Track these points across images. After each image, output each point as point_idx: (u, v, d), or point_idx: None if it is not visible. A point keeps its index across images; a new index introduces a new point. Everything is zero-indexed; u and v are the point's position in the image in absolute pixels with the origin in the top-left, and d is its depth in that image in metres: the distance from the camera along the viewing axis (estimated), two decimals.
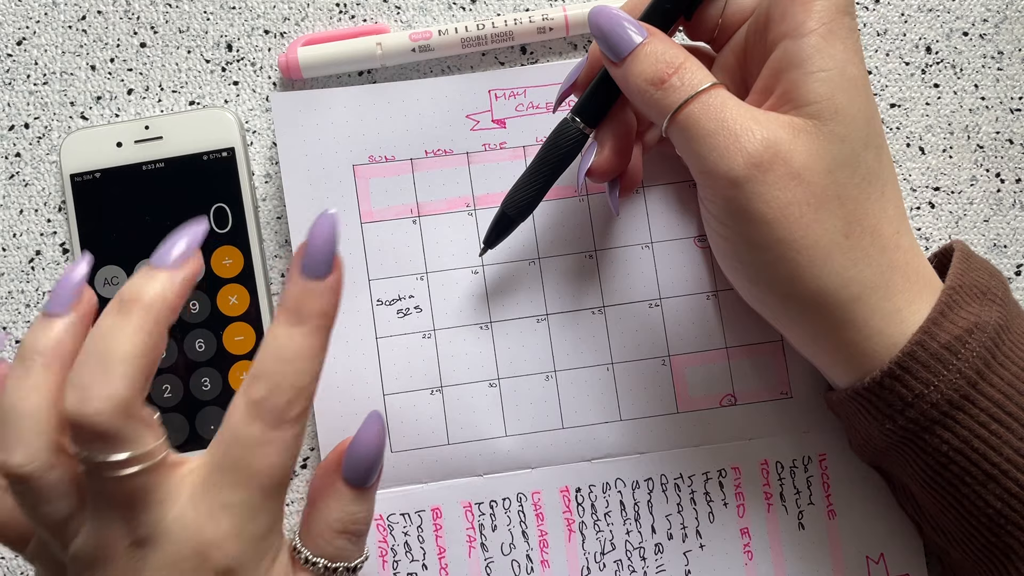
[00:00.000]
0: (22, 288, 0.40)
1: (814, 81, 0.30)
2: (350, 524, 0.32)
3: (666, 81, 0.31)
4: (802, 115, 0.31)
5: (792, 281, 0.31)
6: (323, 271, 0.28)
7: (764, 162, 0.30)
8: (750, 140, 0.30)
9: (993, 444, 0.30)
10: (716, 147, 0.30)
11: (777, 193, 0.30)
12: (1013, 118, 0.41)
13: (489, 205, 0.39)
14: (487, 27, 0.40)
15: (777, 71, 0.31)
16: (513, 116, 0.39)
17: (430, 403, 0.39)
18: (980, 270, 0.33)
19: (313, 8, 0.41)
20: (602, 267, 0.39)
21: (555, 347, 0.39)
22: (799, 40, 0.31)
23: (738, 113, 0.31)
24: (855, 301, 0.31)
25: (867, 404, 0.32)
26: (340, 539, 0.31)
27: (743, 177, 0.30)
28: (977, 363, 0.30)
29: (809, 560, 0.38)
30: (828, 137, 0.30)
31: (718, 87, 0.31)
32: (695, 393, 0.39)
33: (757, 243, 0.31)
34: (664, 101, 0.31)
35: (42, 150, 0.41)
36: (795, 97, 0.31)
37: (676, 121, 0.31)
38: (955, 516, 0.32)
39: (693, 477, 0.39)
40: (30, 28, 0.41)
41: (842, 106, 0.30)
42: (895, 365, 0.30)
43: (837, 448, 0.39)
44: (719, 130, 0.30)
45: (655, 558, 0.39)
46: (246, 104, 0.41)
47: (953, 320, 0.31)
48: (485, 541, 0.39)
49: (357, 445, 0.32)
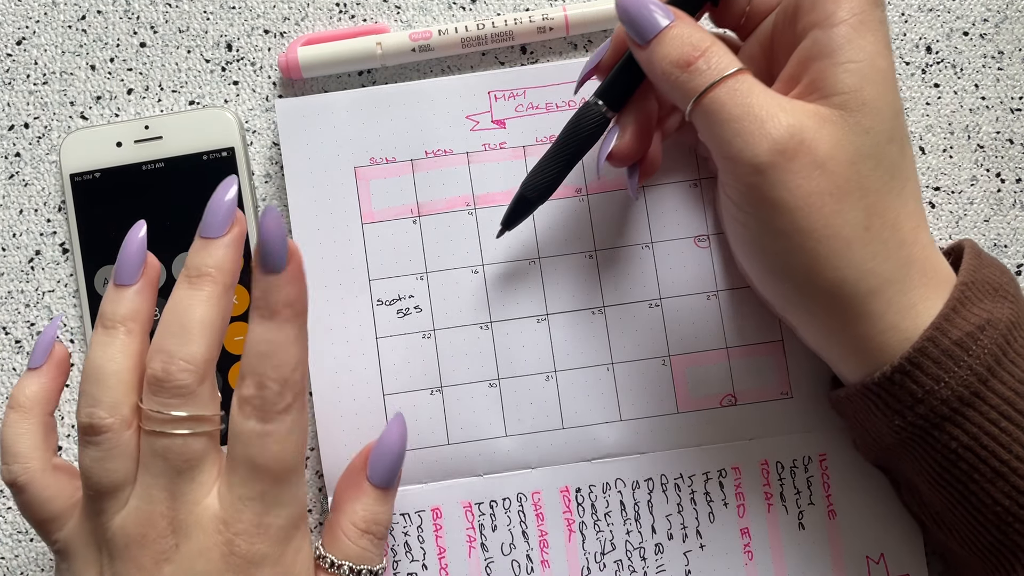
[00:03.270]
0: (22, 288, 0.40)
1: (843, 72, 0.30)
2: (373, 524, 0.33)
3: (692, 64, 0.31)
4: (829, 105, 0.30)
5: (810, 271, 0.31)
6: (279, 264, 0.30)
7: (789, 149, 0.30)
8: (776, 126, 0.30)
9: (1003, 441, 0.30)
10: (741, 132, 0.30)
11: (800, 181, 0.30)
12: (1013, 118, 0.41)
13: (489, 204, 0.39)
14: (487, 27, 0.40)
15: (805, 60, 0.31)
16: (513, 116, 0.39)
17: (430, 403, 0.39)
18: (992, 267, 0.33)
19: (313, 8, 0.41)
20: (602, 267, 0.39)
21: (555, 347, 0.39)
22: (829, 30, 0.31)
23: (764, 99, 0.30)
24: (872, 294, 0.31)
25: (877, 400, 0.32)
26: (364, 539, 0.33)
27: (767, 164, 0.30)
28: (988, 360, 0.30)
29: (809, 560, 0.38)
30: (854, 128, 0.30)
31: (745, 72, 0.31)
32: (695, 393, 0.39)
33: (777, 231, 0.31)
34: (690, 84, 0.31)
35: (42, 150, 0.41)
36: (822, 87, 0.31)
37: (701, 105, 0.31)
38: (963, 513, 0.32)
39: (693, 477, 0.39)
40: (30, 28, 0.41)
41: (870, 98, 0.30)
42: (906, 361, 0.30)
43: (837, 448, 0.39)
44: (745, 115, 0.30)
45: (655, 558, 0.39)
46: (246, 104, 0.41)
47: (965, 317, 0.31)
48: (485, 541, 0.39)
49: (382, 446, 0.34)
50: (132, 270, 0.31)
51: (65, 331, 0.40)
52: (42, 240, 0.40)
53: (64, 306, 0.40)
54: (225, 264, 0.31)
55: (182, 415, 0.29)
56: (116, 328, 0.31)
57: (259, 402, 0.30)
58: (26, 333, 0.40)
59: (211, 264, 0.30)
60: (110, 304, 0.31)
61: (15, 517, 0.40)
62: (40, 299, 0.40)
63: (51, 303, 0.40)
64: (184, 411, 0.29)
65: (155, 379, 0.29)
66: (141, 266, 0.31)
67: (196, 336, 0.30)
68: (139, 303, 0.31)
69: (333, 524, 0.34)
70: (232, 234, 0.31)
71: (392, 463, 0.34)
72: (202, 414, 0.30)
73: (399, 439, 0.34)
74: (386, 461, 0.34)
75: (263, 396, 0.30)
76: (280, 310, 0.30)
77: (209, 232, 0.31)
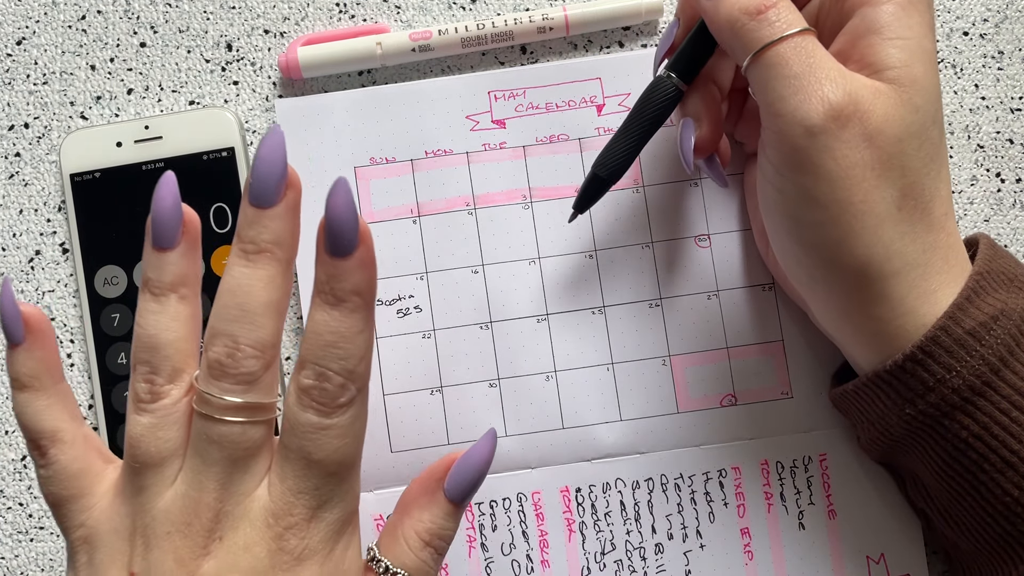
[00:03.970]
0: (22, 288, 0.40)
1: (892, 47, 0.30)
2: (437, 538, 0.31)
3: (763, 13, 0.31)
4: (881, 79, 0.31)
5: (840, 245, 0.31)
6: (348, 246, 0.27)
7: (843, 116, 0.30)
8: (834, 91, 0.30)
9: (1013, 431, 0.30)
10: (800, 90, 0.30)
11: (847, 151, 0.30)
12: (1013, 118, 0.41)
13: (489, 204, 0.39)
14: (487, 27, 0.40)
15: (854, 37, 0.31)
16: (512, 117, 0.39)
17: (430, 403, 0.39)
18: (1007, 258, 0.33)
19: (313, 8, 0.41)
20: (602, 267, 0.39)
21: (555, 347, 0.39)
22: (878, 8, 0.31)
23: (827, 63, 0.30)
24: (895, 275, 0.31)
25: (888, 388, 0.32)
26: (426, 551, 0.31)
27: (819, 127, 0.30)
28: (1001, 350, 0.30)
29: (809, 560, 0.38)
30: (905, 104, 0.30)
31: (812, 32, 0.31)
32: (695, 393, 0.39)
33: (815, 199, 0.31)
34: (756, 33, 0.31)
35: (42, 150, 0.41)
36: (873, 62, 0.31)
37: (762, 57, 0.31)
38: (970, 505, 0.32)
39: (693, 477, 0.39)
40: (30, 28, 0.41)
41: (919, 76, 0.30)
42: (918, 349, 0.30)
43: (837, 448, 0.39)
44: (806, 74, 0.30)
45: (655, 558, 0.39)
46: (246, 104, 0.41)
47: (979, 306, 0.31)
48: (485, 541, 0.39)
49: (468, 460, 0.31)
50: (170, 232, 0.28)
51: (65, 331, 0.40)
52: (42, 240, 0.40)
53: (64, 306, 0.40)
54: (283, 238, 0.28)
55: (243, 402, 0.27)
56: (167, 295, 0.28)
57: (319, 394, 0.27)
58: None
59: (268, 239, 0.27)
60: (153, 270, 0.28)
61: (15, 517, 0.40)
62: (40, 299, 0.40)
63: (51, 303, 0.40)
64: (246, 398, 0.27)
65: (218, 364, 0.27)
66: (179, 225, 0.28)
67: (261, 319, 0.27)
68: (185, 266, 0.28)
69: (395, 528, 0.31)
70: (286, 201, 0.27)
71: (474, 480, 0.31)
72: (262, 402, 0.28)
73: (487, 456, 0.31)
74: (468, 476, 0.31)
75: (324, 389, 0.27)
76: (347, 298, 0.27)
77: (259, 200, 0.27)
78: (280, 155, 0.27)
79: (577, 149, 0.39)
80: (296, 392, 0.28)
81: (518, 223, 0.39)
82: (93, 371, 0.39)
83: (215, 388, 0.27)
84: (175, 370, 0.28)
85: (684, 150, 0.34)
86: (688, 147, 0.34)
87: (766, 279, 0.39)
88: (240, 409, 0.27)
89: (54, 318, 0.40)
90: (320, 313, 0.28)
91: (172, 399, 0.28)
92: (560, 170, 0.39)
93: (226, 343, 0.27)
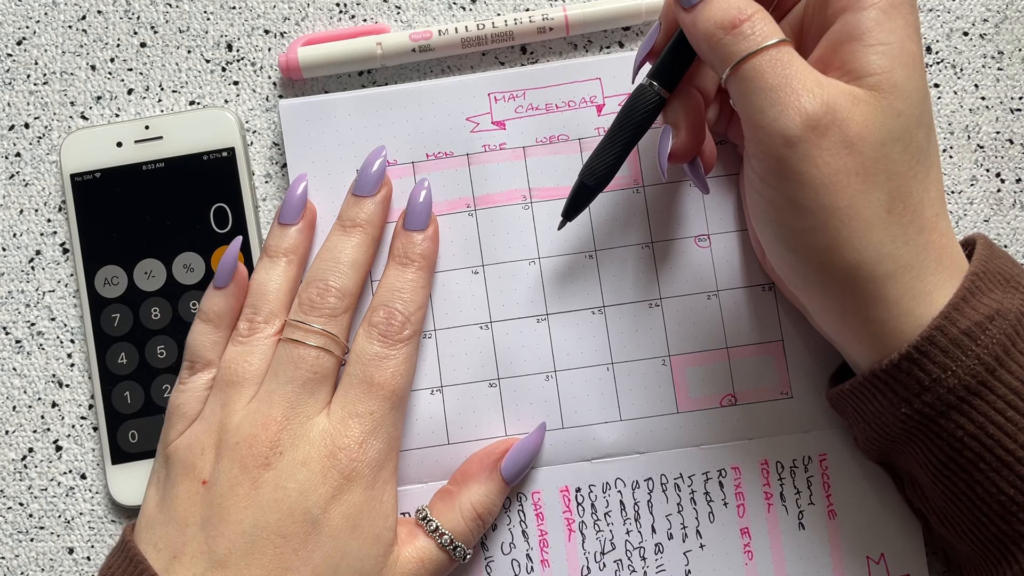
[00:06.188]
0: (22, 288, 0.40)
1: (874, 53, 0.31)
2: (486, 511, 0.36)
3: (737, 27, 0.31)
4: (862, 86, 0.31)
5: (830, 250, 0.31)
6: (422, 224, 0.38)
7: (821, 125, 0.30)
8: (810, 101, 0.30)
9: (1008, 431, 0.30)
10: (777, 102, 0.30)
11: (829, 158, 0.30)
12: (1013, 118, 0.41)
13: (489, 205, 0.39)
14: (487, 27, 0.40)
15: (836, 43, 0.31)
16: (512, 118, 0.39)
17: (430, 403, 0.39)
18: (1003, 258, 0.33)
19: (313, 8, 0.41)
20: (602, 267, 0.39)
21: (555, 347, 0.39)
22: (860, 13, 0.31)
23: (803, 73, 0.31)
24: (888, 278, 0.31)
25: (884, 387, 0.32)
26: (475, 521, 0.36)
27: (798, 137, 0.30)
28: (996, 350, 0.30)
29: (809, 560, 0.39)
30: (885, 110, 0.30)
31: (787, 44, 0.31)
32: (695, 393, 0.39)
33: (800, 207, 0.31)
34: (732, 47, 0.31)
35: (42, 150, 0.41)
36: (854, 68, 0.31)
37: (740, 71, 0.31)
38: (966, 505, 0.32)
39: (693, 477, 0.39)
40: (30, 28, 0.41)
41: (900, 81, 0.30)
42: (914, 349, 0.30)
43: (837, 448, 0.39)
44: (782, 86, 0.30)
45: (655, 558, 0.39)
46: (246, 104, 0.41)
47: (975, 306, 0.31)
48: (485, 540, 0.39)
49: (524, 444, 0.38)
50: (294, 212, 0.38)
51: (66, 331, 0.40)
52: (42, 240, 0.41)
53: (64, 306, 0.40)
54: (374, 218, 0.37)
55: (322, 330, 0.35)
56: (279, 257, 0.37)
57: (384, 327, 0.36)
58: (26, 333, 0.40)
59: (363, 217, 0.37)
60: (274, 239, 0.37)
61: (15, 517, 0.40)
62: (40, 299, 0.40)
63: (51, 303, 0.40)
64: (326, 327, 0.35)
65: (309, 300, 0.36)
66: (303, 210, 0.38)
67: (347, 271, 0.36)
68: (299, 239, 0.37)
69: (450, 496, 0.36)
70: (382, 193, 0.38)
71: (526, 462, 0.37)
72: (338, 336, 0.36)
73: (538, 445, 0.38)
74: (522, 459, 0.37)
75: (390, 323, 0.36)
76: (415, 259, 0.37)
77: (362, 191, 0.37)
78: (381, 160, 0.38)
79: (577, 149, 0.39)
80: (365, 328, 0.36)
81: (518, 223, 0.39)
82: (93, 371, 0.39)
83: (302, 317, 0.36)
84: (271, 313, 0.36)
85: (660, 157, 0.35)
86: (664, 154, 0.35)
87: (766, 279, 0.39)
88: (318, 335, 0.35)
89: (54, 318, 0.40)
90: (393, 271, 0.37)
91: (264, 334, 0.36)
92: (560, 170, 0.39)
93: (318, 285, 0.36)
